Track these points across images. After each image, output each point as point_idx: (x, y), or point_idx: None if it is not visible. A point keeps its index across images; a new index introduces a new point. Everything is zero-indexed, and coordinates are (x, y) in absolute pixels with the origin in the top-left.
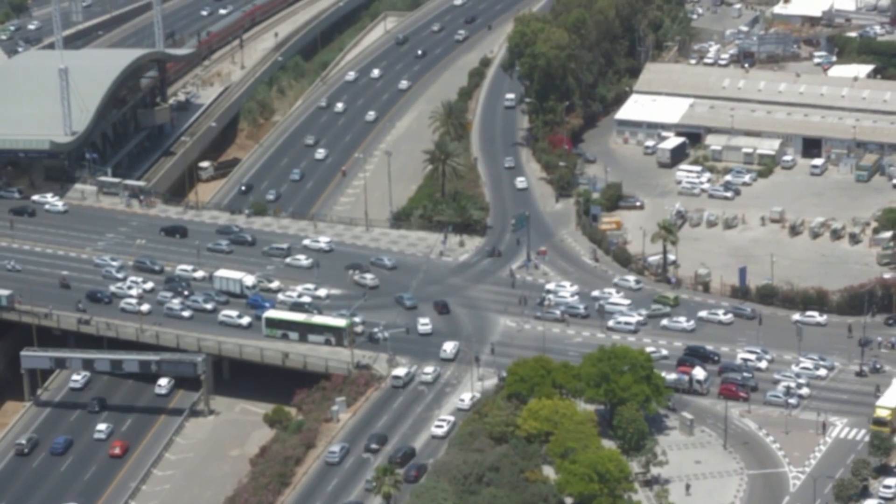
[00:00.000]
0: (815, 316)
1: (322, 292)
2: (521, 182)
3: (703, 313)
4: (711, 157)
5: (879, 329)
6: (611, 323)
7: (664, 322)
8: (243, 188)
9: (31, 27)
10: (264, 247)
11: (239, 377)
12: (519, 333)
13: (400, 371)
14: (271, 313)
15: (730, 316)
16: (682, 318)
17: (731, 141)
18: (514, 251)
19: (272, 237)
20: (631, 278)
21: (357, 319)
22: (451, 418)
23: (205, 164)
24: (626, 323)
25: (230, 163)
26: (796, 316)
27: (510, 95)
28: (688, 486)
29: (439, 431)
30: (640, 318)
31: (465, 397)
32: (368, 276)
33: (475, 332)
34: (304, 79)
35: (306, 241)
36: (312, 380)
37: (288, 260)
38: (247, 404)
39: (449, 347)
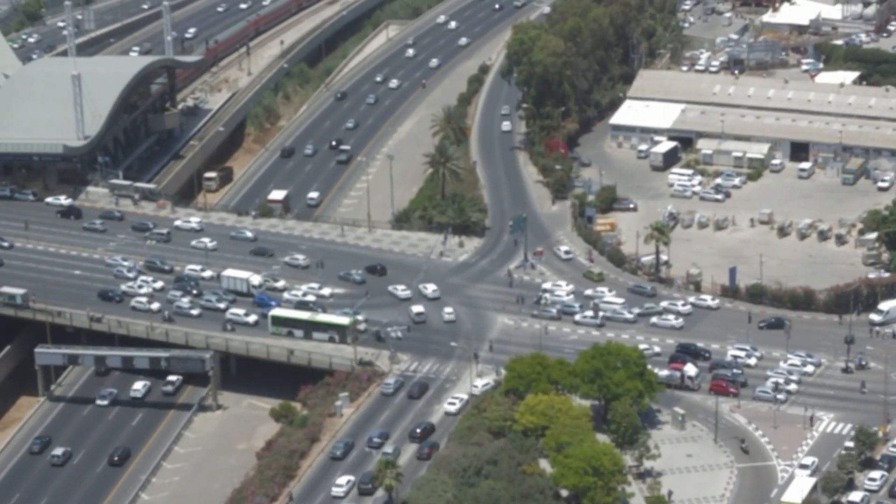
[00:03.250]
0: (707, 300)
1: (326, 291)
2: (506, 126)
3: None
4: (702, 160)
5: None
6: (578, 318)
7: (654, 319)
8: (339, 95)
9: (32, 40)
10: (146, 233)
11: (246, 373)
12: (516, 331)
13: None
14: (277, 311)
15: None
16: (672, 316)
17: (721, 145)
18: (512, 252)
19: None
20: (563, 248)
21: (360, 317)
22: (465, 396)
23: (211, 174)
24: (592, 317)
25: (226, 170)
26: (691, 299)
27: (506, 125)
28: (670, 493)
29: (452, 409)
30: (599, 313)
31: (479, 383)
32: (300, 256)
33: (474, 329)
34: (308, 85)
35: (178, 223)
36: (317, 376)
37: (194, 243)
38: (253, 399)
39: (430, 288)
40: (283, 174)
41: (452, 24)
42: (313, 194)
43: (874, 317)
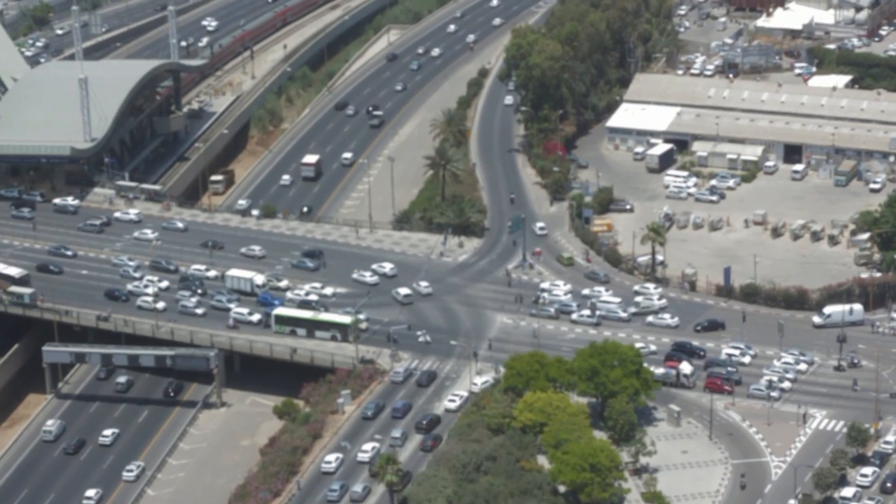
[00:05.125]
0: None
1: (328, 290)
2: (508, 100)
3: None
4: (698, 162)
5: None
6: (574, 316)
7: (650, 318)
8: (390, 57)
9: (39, 44)
10: (80, 223)
11: (249, 371)
12: (515, 330)
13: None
14: (280, 311)
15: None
16: (668, 315)
17: (716, 147)
18: (511, 252)
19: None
20: (538, 224)
21: (361, 316)
22: (465, 393)
23: (217, 177)
24: (588, 316)
25: (228, 173)
26: (636, 288)
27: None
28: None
29: (452, 405)
30: (596, 312)
31: (478, 381)
32: (256, 248)
33: (474, 328)
34: (311, 88)
35: (117, 214)
36: (319, 374)
37: (136, 234)
38: (257, 397)
39: (388, 266)
40: (324, 133)
41: (494, 2)
42: (347, 154)
43: (816, 319)
